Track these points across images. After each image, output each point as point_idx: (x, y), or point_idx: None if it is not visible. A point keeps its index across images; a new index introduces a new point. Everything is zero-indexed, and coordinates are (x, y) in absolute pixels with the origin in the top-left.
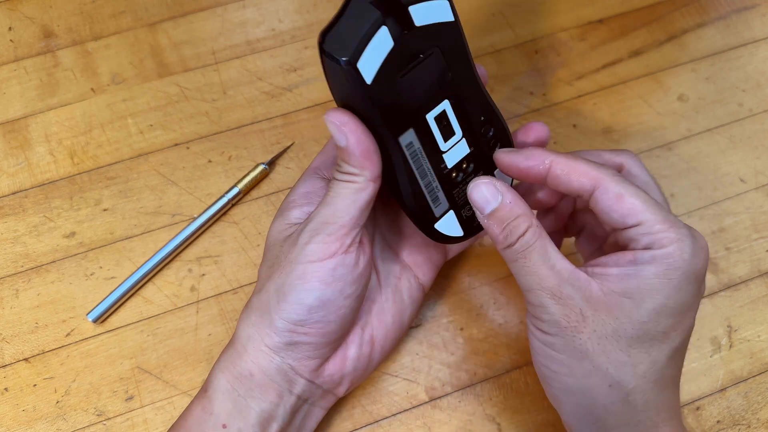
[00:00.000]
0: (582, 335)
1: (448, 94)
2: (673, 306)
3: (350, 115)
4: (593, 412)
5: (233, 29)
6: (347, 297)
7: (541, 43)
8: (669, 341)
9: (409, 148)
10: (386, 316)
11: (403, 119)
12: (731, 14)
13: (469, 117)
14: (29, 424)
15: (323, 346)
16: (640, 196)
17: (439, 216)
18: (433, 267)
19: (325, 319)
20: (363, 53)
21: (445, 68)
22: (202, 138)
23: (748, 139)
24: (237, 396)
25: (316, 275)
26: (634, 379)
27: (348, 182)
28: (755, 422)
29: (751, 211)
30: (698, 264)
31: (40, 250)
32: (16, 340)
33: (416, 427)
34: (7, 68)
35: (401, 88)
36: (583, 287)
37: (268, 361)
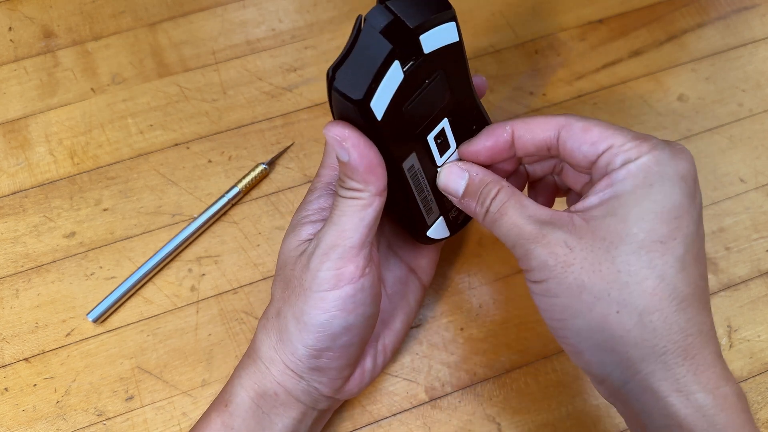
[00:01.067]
0: (573, 267)
1: (447, 113)
2: (662, 211)
3: (351, 129)
4: (614, 348)
5: (233, 29)
6: (368, 317)
7: (541, 43)
8: (670, 251)
9: (410, 171)
10: (395, 323)
11: (407, 145)
12: (731, 14)
13: (462, 128)
14: (29, 424)
15: (347, 368)
16: (604, 123)
17: (431, 224)
18: (434, 265)
19: (349, 342)
20: (376, 92)
21: (446, 90)
22: (202, 138)
23: (748, 139)
24: (261, 413)
25: (336, 305)
26: (643, 298)
27: (353, 199)
28: (755, 422)
29: (751, 211)
30: (680, 165)
31: (40, 250)
32: (16, 340)
33: (416, 427)
34: (7, 68)
35: (407, 117)
36: (565, 223)
37: (293, 383)
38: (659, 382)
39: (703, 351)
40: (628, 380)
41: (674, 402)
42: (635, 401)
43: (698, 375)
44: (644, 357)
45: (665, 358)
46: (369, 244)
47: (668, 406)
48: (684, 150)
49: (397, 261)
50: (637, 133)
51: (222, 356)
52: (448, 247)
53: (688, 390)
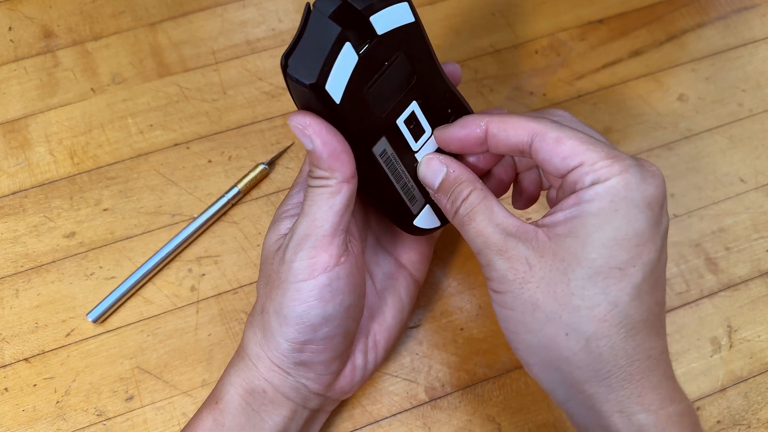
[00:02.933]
0: (530, 285)
1: (415, 95)
2: (623, 238)
3: (313, 117)
4: (559, 367)
5: (233, 29)
6: (348, 308)
7: (541, 43)
8: (627, 278)
9: (383, 156)
10: (387, 318)
11: (375, 129)
12: (731, 14)
13: (436, 112)
14: (29, 424)
15: (333, 362)
16: (578, 137)
17: (416, 212)
18: (426, 261)
19: (331, 334)
20: (330, 75)
21: (410, 70)
22: (202, 138)
23: (748, 139)
24: (251, 410)
25: (312, 294)
26: (591, 324)
27: (321, 187)
28: (755, 422)
29: (751, 211)
30: (648, 190)
31: (40, 250)
32: (16, 340)
33: (416, 427)
34: (7, 68)
35: (369, 100)
36: (530, 238)
37: (281, 380)
38: (602, 403)
39: (649, 375)
40: (572, 398)
41: (616, 422)
42: (578, 417)
43: (642, 396)
44: (588, 379)
45: (609, 381)
46: (342, 232)
47: (610, 425)
48: (656, 174)
49: (385, 255)
50: (610, 151)
51: (222, 356)
52: (447, 247)
53: (630, 411)
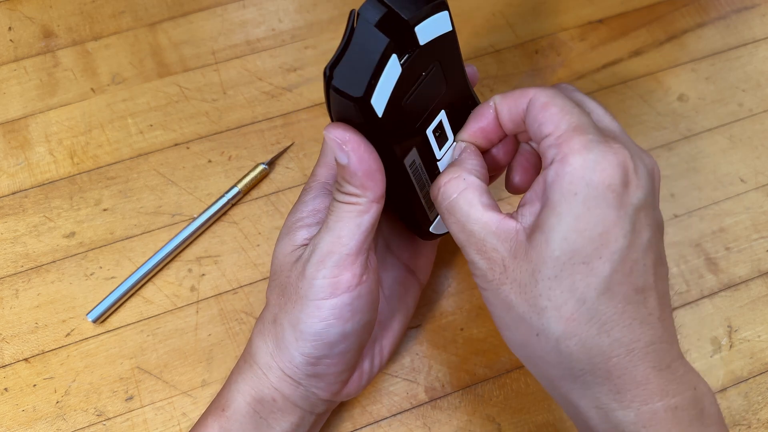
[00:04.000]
0: (505, 287)
1: (444, 105)
2: (585, 228)
3: (352, 131)
4: (536, 364)
5: (233, 29)
6: (365, 324)
7: (541, 43)
8: (593, 272)
9: (412, 167)
10: (393, 324)
11: (408, 140)
12: (731, 14)
13: (459, 119)
14: (29, 424)
15: (344, 373)
16: (565, 105)
17: (433, 219)
18: (430, 263)
19: (347, 349)
20: (375, 88)
21: (443, 80)
22: (202, 138)
23: (748, 139)
24: (259, 418)
25: (333, 313)
26: (560, 324)
27: (350, 204)
28: (756, 422)
29: (751, 211)
30: (607, 170)
31: (40, 250)
32: (16, 340)
33: (416, 427)
34: (7, 68)
35: (406, 112)
36: (510, 237)
37: (291, 390)
38: (578, 399)
39: (632, 370)
40: (553, 392)
41: (593, 416)
42: (564, 409)
43: (622, 393)
44: (563, 377)
45: (584, 379)
46: (366, 251)
47: (588, 419)
48: (618, 151)
49: (394, 261)
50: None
51: (222, 356)
52: (447, 247)
53: (608, 407)
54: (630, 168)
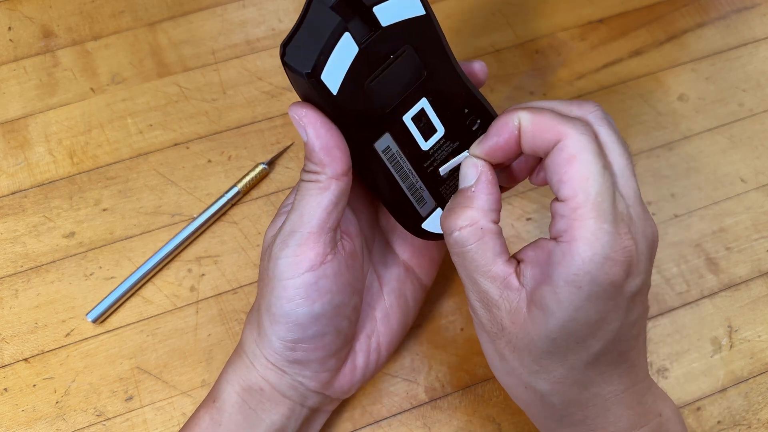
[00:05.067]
0: (500, 342)
1: (425, 92)
2: (585, 318)
3: (310, 108)
4: (522, 403)
5: (233, 29)
6: (338, 306)
7: (541, 43)
8: (585, 349)
9: (387, 153)
10: (392, 321)
11: (378, 124)
12: (731, 14)
13: (451, 112)
14: (29, 424)
15: (328, 359)
16: (591, 164)
17: (425, 215)
18: (435, 266)
19: (322, 332)
20: (326, 64)
21: (420, 66)
22: (201, 138)
23: (748, 139)
24: (248, 409)
25: (298, 293)
26: (548, 384)
27: (310, 182)
28: (756, 422)
29: (751, 211)
30: (613, 273)
31: (40, 250)
32: (15, 340)
33: (416, 427)
34: (7, 68)
35: (372, 94)
36: (512, 299)
37: (277, 378)
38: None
39: (606, 413)
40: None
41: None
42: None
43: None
44: (544, 420)
45: (561, 422)
46: (330, 230)
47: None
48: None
49: (394, 258)
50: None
51: (222, 356)
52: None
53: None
54: (633, 259)
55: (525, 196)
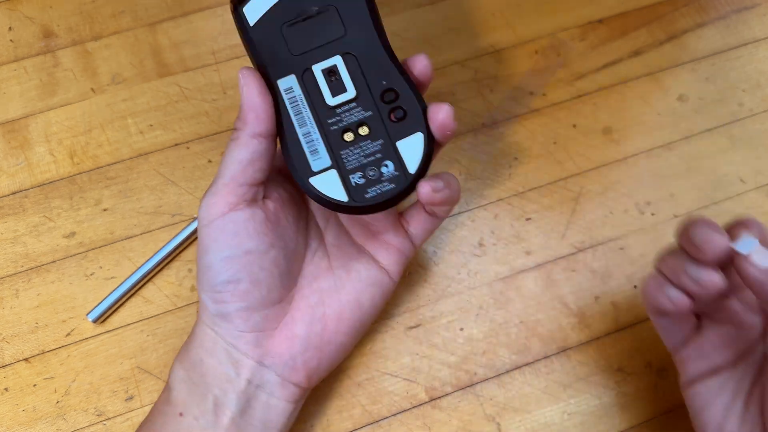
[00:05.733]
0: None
1: (341, 52)
2: None
3: (253, 74)
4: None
5: (233, 29)
6: (248, 253)
7: (541, 43)
8: None
9: (288, 93)
10: (340, 294)
11: (286, 65)
12: (731, 14)
13: (367, 80)
14: (29, 424)
15: (249, 313)
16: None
17: (317, 171)
18: (395, 252)
19: (234, 278)
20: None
21: (340, 27)
22: (202, 138)
23: (748, 139)
24: (192, 384)
25: (210, 237)
26: None
27: (232, 139)
28: None
29: (751, 211)
30: None
31: (40, 250)
32: (16, 340)
33: (416, 427)
34: (7, 68)
35: (287, 36)
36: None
37: (212, 342)
38: None
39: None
40: None
41: None
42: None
43: None
44: None
45: None
46: (245, 185)
47: None
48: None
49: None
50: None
51: None
52: (447, 247)
53: None
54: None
55: (525, 196)
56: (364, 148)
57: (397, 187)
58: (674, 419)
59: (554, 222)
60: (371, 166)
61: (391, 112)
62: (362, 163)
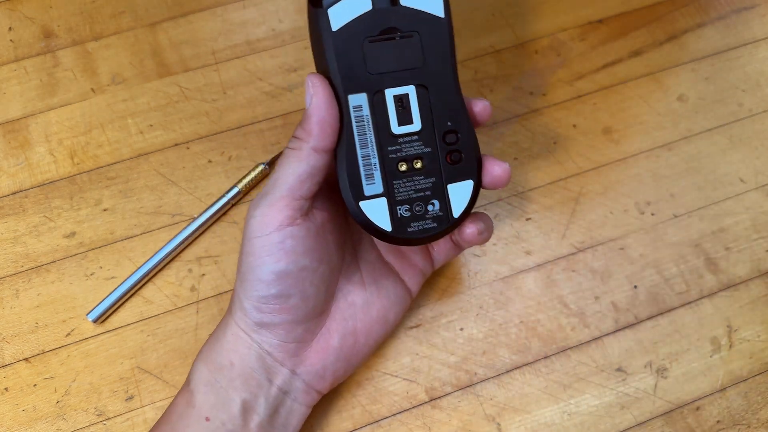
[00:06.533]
0: None
1: (416, 82)
2: None
3: (321, 79)
4: None
5: (233, 29)
6: (303, 269)
7: (541, 43)
8: None
9: (357, 111)
10: (371, 310)
11: (360, 81)
12: (731, 14)
13: (434, 116)
14: (29, 424)
15: (294, 326)
16: None
17: (368, 195)
18: (418, 273)
19: (286, 292)
20: (338, 3)
21: (420, 56)
22: (202, 138)
23: (748, 139)
24: (219, 387)
25: (264, 249)
26: None
27: (293, 150)
28: (755, 422)
29: (751, 211)
30: None
31: (40, 250)
32: (16, 340)
33: (416, 427)
34: (7, 68)
35: (367, 52)
36: None
37: (246, 347)
38: None
39: None
40: None
41: None
42: None
43: None
44: None
45: None
46: (301, 198)
47: None
48: None
49: (375, 255)
50: None
51: None
52: None
53: None
54: None
55: (525, 196)
56: (416, 183)
57: (438, 227)
58: (674, 419)
59: (554, 222)
60: (419, 201)
61: (449, 154)
62: (411, 196)
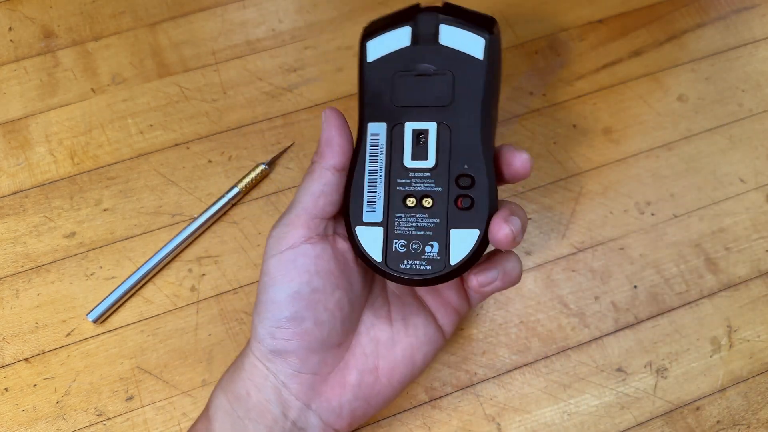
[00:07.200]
0: None
1: (439, 120)
2: None
3: (334, 112)
4: None
5: (233, 29)
6: (315, 291)
7: (541, 43)
8: None
9: (374, 139)
10: (396, 349)
11: (382, 111)
12: (731, 14)
13: (451, 157)
14: (29, 424)
15: (308, 354)
16: None
17: (365, 222)
18: (453, 312)
19: (299, 315)
20: (377, 37)
21: (448, 94)
22: (202, 138)
23: (748, 139)
24: (236, 417)
25: (278, 268)
26: None
27: (308, 171)
28: (755, 422)
29: (751, 211)
30: None
31: (41, 250)
32: (16, 340)
33: (416, 427)
34: (8, 68)
35: (395, 84)
36: None
37: (262, 377)
38: None
39: None
40: None
41: None
42: None
43: None
44: None
45: None
46: (317, 217)
47: None
48: None
49: (412, 294)
50: None
51: (222, 356)
52: None
53: None
54: None
55: (525, 196)
56: (419, 220)
57: (432, 270)
58: (674, 419)
59: (554, 222)
60: (417, 239)
61: (459, 198)
62: (410, 233)
